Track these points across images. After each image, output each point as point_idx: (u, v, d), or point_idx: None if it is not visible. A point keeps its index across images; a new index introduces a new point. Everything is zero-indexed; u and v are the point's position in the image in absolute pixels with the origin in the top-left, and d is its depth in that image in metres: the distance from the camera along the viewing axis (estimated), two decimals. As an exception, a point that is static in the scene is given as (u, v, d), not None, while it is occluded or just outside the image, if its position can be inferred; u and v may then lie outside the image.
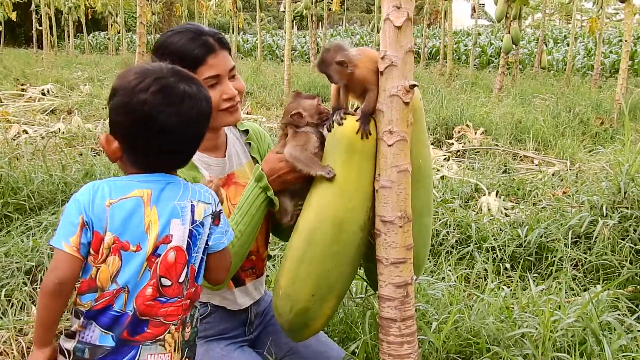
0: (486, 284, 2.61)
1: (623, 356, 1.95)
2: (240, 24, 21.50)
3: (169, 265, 1.38)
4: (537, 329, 2.00)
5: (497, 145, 6.08)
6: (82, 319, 1.34)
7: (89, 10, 24.41)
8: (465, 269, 2.92)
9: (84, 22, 24.97)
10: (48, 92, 9.80)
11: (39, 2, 19.73)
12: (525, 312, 2.20)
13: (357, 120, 1.63)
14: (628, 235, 2.98)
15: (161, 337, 1.39)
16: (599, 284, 2.69)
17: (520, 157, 5.78)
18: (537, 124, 6.72)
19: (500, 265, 2.98)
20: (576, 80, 13.97)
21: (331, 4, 19.89)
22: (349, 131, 1.65)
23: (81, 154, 4.45)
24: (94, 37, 32.67)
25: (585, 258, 2.92)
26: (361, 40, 24.99)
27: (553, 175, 4.79)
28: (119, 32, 24.62)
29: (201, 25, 1.79)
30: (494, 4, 10.12)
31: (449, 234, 3.27)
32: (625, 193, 3.20)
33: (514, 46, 9.97)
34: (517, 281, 2.39)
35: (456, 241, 3.29)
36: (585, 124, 7.32)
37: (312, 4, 16.10)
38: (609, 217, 3.04)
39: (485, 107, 7.72)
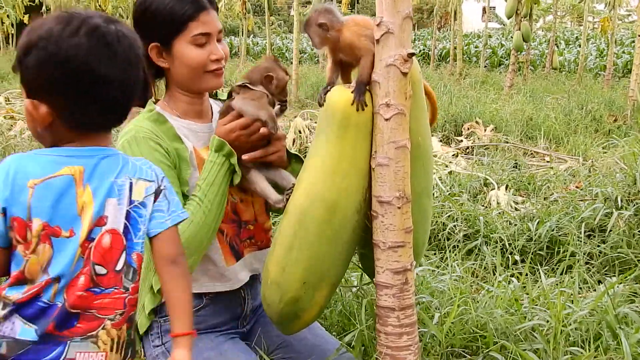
0: (494, 278, 2.49)
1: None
2: (249, 26, 21.45)
3: (104, 250, 1.21)
4: (548, 321, 1.86)
5: (507, 142, 5.92)
6: (3, 311, 1.17)
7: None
8: (473, 264, 2.79)
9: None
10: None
11: (50, 3, 19.80)
12: (536, 305, 2.06)
13: (351, 92, 1.50)
14: (643, 228, 2.84)
15: (93, 333, 1.21)
16: (614, 276, 2.55)
17: (531, 153, 5.62)
18: (549, 121, 6.57)
19: (510, 258, 2.84)
20: (588, 80, 13.77)
21: (340, 6, 19.85)
22: (342, 104, 1.52)
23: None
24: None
25: (600, 251, 2.77)
26: (371, 41, 24.78)
27: (565, 171, 4.64)
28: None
29: None
30: (504, 5, 9.99)
31: (456, 228, 3.13)
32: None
33: (524, 44, 9.80)
34: (527, 274, 2.24)
35: (464, 235, 3.15)
36: (598, 121, 7.16)
37: (320, 0, 15.97)
38: (624, 208, 2.90)
39: (495, 104, 7.57)
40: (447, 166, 4.69)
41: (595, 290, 2.43)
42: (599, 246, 2.83)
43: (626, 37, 21.75)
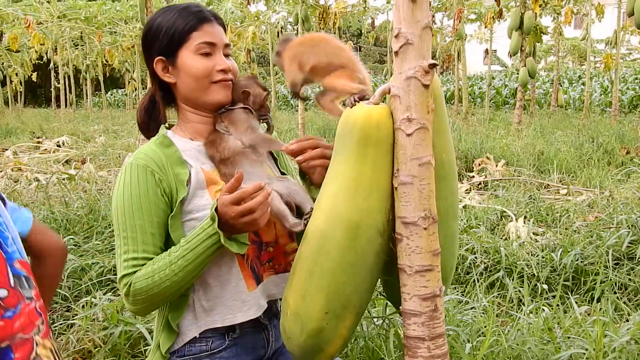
0: (520, 310, 2.36)
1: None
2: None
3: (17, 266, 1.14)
4: (587, 350, 1.73)
5: (519, 176, 5.84)
6: None
7: (107, 68, 24.87)
8: (497, 296, 2.67)
9: (102, 80, 25.45)
10: (63, 143, 9.81)
11: (58, 61, 20.19)
12: (570, 335, 1.93)
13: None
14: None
15: (33, 354, 1.13)
16: (647, 305, 2.43)
17: (545, 186, 5.53)
18: (561, 155, 6.49)
19: (535, 289, 2.72)
20: (595, 116, 13.78)
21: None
22: (361, 120, 1.45)
23: (85, 191, 4.30)
24: (112, 95, 33.30)
25: (630, 279, 2.65)
26: (375, 86, 25.02)
27: (583, 202, 4.53)
28: (136, 89, 25.06)
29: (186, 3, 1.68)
30: (507, 43, 10.07)
31: (477, 260, 3.01)
32: (666, 211, 2.96)
33: (530, 80, 9.83)
34: (558, 302, 2.13)
35: (484, 268, 3.04)
36: (610, 153, 7.08)
37: (324, 51, 16.17)
38: (652, 234, 2.79)
39: (505, 140, 7.52)
40: (460, 201, 4.60)
41: (628, 320, 2.30)
42: (628, 274, 2.71)
43: (628, 74, 21.88)
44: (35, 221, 1.36)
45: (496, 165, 6.24)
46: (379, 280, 1.65)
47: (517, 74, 23.13)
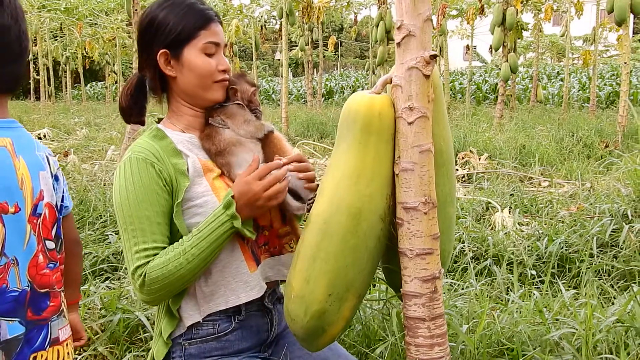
0: (508, 297, 2.44)
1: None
2: (236, 69, 21.68)
3: (50, 224, 1.20)
4: (577, 330, 1.81)
5: (502, 169, 5.94)
6: None
7: (87, 60, 24.61)
8: (483, 285, 2.74)
9: (81, 72, 25.20)
10: (44, 136, 9.72)
11: (37, 52, 19.94)
12: (559, 317, 2.01)
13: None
14: (655, 242, 2.82)
15: (62, 307, 1.23)
16: (629, 290, 2.51)
17: (528, 179, 5.64)
18: (542, 148, 6.62)
19: (522, 275, 2.80)
20: (574, 111, 14.02)
21: (326, 49, 20.15)
22: (364, 108, 1.50)
23: (75, 182, 4.29)
24: (91, 87, 32.97)
25: (612, 266, 2.74)
26: (356, 82, 25.20)
27: (565, 193, 4.64)
28: (116, 82, 24.83)
29: None
30: (486, 39, 10.18)
31: (465, 249, 3.09)
32: (647, 200, 3.06)
33: (512, 75, 9.97)
34: (547, 287, 2.20)
35: (472, 257, 3.11)
36: (590, 147, 7.23)
37: (306, 45, 16.21)
38: (633, 222, 2.89)
39: (487, 133, 7.63)
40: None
41: (613, 303, 2.39)
42: (611, 260, 2.80)
43: (605, 70, 22.23)
44: (71, 213, 1.42)
45: (479, 159, 6.35)
46: (379, 266, 1.71)
47: (497, 69, 23.41)
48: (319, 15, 12.49)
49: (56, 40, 22.60)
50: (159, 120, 1.71)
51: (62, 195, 1.33)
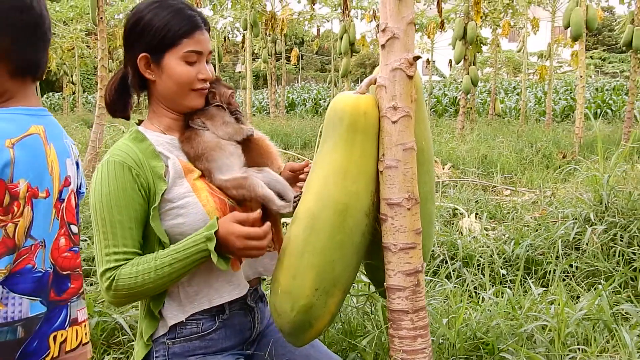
0: (480, 296, 2.51)
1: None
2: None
3: (72, 209, 1.26)
4: (548, 323, 1.89)
5: (466, 177, 6.08)
6: None
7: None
8: (455, 286, 2.81)
9: (38, 82, 24.71)
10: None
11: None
12: (531, 312, 2.09)
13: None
14: (615, 243, 2.95)
15: (82, 289, 1.28)
16: (594, 289, 2.62)
17: (492, 188, 5.78)
18: (503, 158, 6.80)
19: (494, 276, 2.89)
20: (531, 125, 14.41)
21: (288, 62, 20.26)
22: (350, 108, 1.55)
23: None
24: (48, 98, 32.27)
25: (577, 266, 2.85)
26: (318, 94, 25.37)
27: (527, 201, 4.79)
28: (74, 93, 24.38)
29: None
30: (445, 53, 10.40)
31: (435, 252, 3.16)
32: (607, 204, 3.19)
33: (472, 87, 10.22)
34: (518, 285, 2.29)
35: (442, 260, 3.19)
36: (548, 157, 7.45)
37: (270, 56, 16.28)
38: (595, 224, 3.01)
39: (450, 144, 7.80)
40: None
41: (580, 301, 2.48)
42: (576, 261, 2.92)
43: (560, 86, 22.90)
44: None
45: (443, 168, 6.48)
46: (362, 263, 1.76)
47: (456, 84, 23.85)
48: (282, 28, 12.58)
49: (12, 49, 22.11)
50: (140, 122, 1.71)
51: (80, 182, 1.38)
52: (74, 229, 1.25)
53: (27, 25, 1.23)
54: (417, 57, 1.52)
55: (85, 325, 1.31)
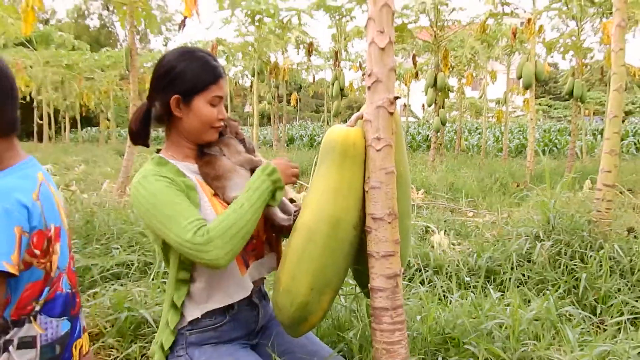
0: (449, 299, 2.51)
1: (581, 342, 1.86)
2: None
3: (69, 233, 1.26)
4: (504, 321, 1.89)
5: (436, 201, 6.10)
6: (38, 321, 1.12)
7: (83, 108, 24.19)
8: (427, 290, 2.81)
9: (78, 118, 24.73)
10: (48, 170, 9.46)
11: (41, 101, 19.55)
12: (490, 313, 2.09)
13: None
14: (561, 256, 2.96)
15: (81, 301, 1.28)
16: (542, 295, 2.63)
17: (458, 210, 5.80)
18: (467, 186, 6.83)
19: (460, 283, 2.89)
20: (490, 159, 14.51)
21: (288, 104, 20.41)
22: (342, 138, 1.58)
23: (82, 203, 4.22)
24: (86, 132, 32.25)
25: (529, 276, 2.86)
26: (313, 131, 25.49)
27: (488, 221, 4.80)
28: (108, 127, 24.42)
29: (201, 50, 1.71)
30: (419, 98, 10.51)
31: (410, 262, 3.17)
32: (553, 225, 3.21)
33: (442, 126, 10.31)
34: (480, 290, 2.29)
35: (416, 269, 3.19)
36: (505, 186, 7.49)
37: (273, 99, 16.40)
38: (544, 240, 3.02)
39: (424, 173, 7.84)
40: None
41: (529, 305, 2.48)
42: (528, 271, 2.92)
43: (514, 127, 23.12)
44: None
45: (417, 193, 6.50)
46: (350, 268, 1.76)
47: (428, 124, 24.01)
48: (284, 75, 12.69)
49: (57, 91, 22.18)
50: (158, 151, 1.71)
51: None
52: (71, 250, 1.26)
53: (5, 88, 1.21)
54: (397, 97, 1.55)
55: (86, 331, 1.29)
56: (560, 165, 10.47)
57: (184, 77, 1.61)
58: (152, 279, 2.69)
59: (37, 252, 1.10)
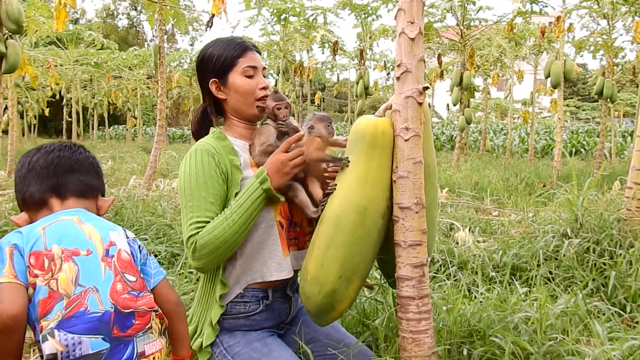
0: (474, 293, 2.50)
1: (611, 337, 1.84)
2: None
3: (125, 262, 1.29)
4: (532, 315, 1.88)
5: (461, 200, 6.05)
6: (56, 337, 1.14)
7: (111, 106, 24.61)
8: (452, 284, 2.80)
9: (106, 116, 25.16)
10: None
11: (70, 99, 19.94)
12: (516, 307, 2.08)
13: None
14: (589, 255, 2.92)
15: (149, 324, 1.26)
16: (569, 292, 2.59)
17: (484, 210, 5.74)
18: (492, 185, 6.76)
19: (485, 278, 2.87)
20: (516, 159, 14.31)
21: (312, 103, 20.44)
22: (371, 128, 1.59)
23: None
24: (113, 129, 32.81)
25: (556, 273, 2.82)
26: (337, 130, 25.44)
27: (513, 220, 4.74)
28: (135, 125, 24.79)
29: (228, 37, 1.79)
30: (443, 99, 10.44)
31: (435, 258, 3.16)
32: (582, 222, 3.16)
33: (467, 125, 10.21)
34: (506, 284, 2.27)
35: (441, 265, 3.18)
36: (530, 186, 7.38)
37: (297, 98, 16.45)
38: (572, 238, 2.98)
39: (448, 172, 7.78)
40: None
41: (557, 301, 2.46)
42: (555, 269, 2.89)
43: (540, 128, 22.75)
44: (165, 279, 1.44)
45: (442, 192, 6.46)
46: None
47: (452, 124, 23.79)
48: (308, 74, 12.72)
49: (85, 89, 22.60)
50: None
51: (146, 263, 1.41)
52: (130, 277, 1.28)
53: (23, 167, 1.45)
54: (426, 88, 1.55)
55: (154, 357, 1.27)
56: (588, 167, 10.27)
57: (213, 60, 1.71)
58: (180, 269, 2.74)
59: (38, 272, 1.18)
